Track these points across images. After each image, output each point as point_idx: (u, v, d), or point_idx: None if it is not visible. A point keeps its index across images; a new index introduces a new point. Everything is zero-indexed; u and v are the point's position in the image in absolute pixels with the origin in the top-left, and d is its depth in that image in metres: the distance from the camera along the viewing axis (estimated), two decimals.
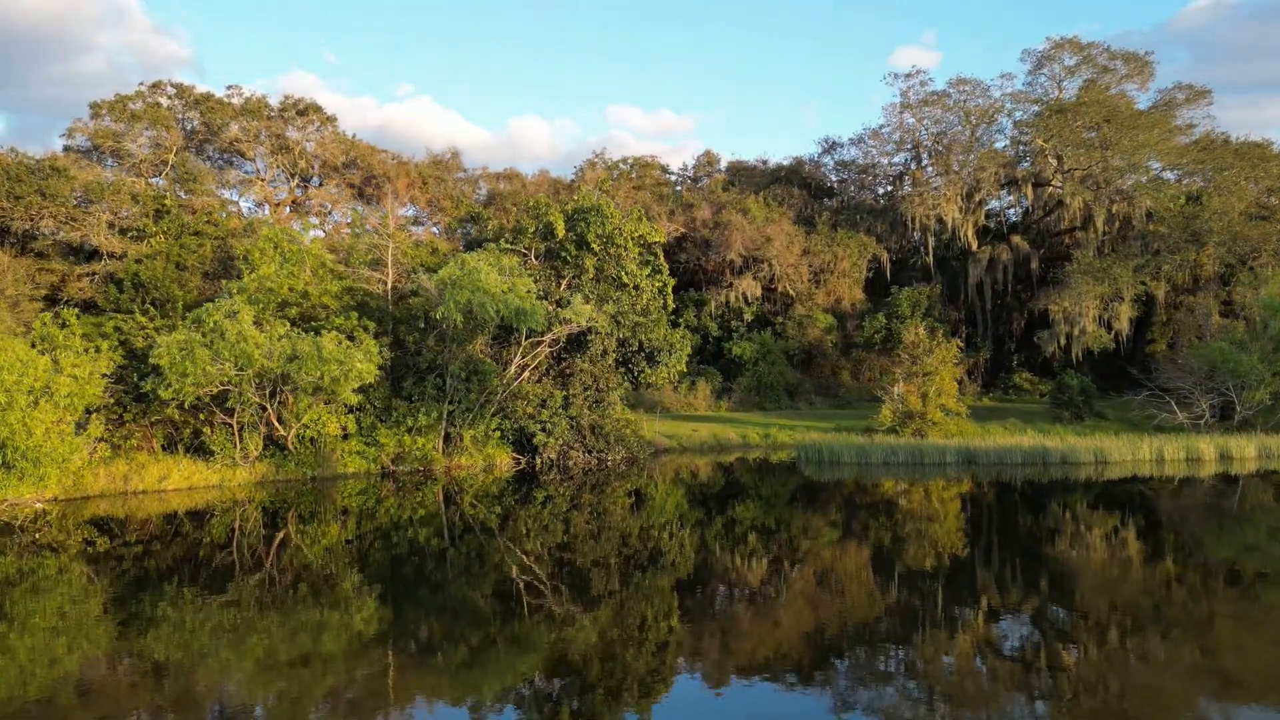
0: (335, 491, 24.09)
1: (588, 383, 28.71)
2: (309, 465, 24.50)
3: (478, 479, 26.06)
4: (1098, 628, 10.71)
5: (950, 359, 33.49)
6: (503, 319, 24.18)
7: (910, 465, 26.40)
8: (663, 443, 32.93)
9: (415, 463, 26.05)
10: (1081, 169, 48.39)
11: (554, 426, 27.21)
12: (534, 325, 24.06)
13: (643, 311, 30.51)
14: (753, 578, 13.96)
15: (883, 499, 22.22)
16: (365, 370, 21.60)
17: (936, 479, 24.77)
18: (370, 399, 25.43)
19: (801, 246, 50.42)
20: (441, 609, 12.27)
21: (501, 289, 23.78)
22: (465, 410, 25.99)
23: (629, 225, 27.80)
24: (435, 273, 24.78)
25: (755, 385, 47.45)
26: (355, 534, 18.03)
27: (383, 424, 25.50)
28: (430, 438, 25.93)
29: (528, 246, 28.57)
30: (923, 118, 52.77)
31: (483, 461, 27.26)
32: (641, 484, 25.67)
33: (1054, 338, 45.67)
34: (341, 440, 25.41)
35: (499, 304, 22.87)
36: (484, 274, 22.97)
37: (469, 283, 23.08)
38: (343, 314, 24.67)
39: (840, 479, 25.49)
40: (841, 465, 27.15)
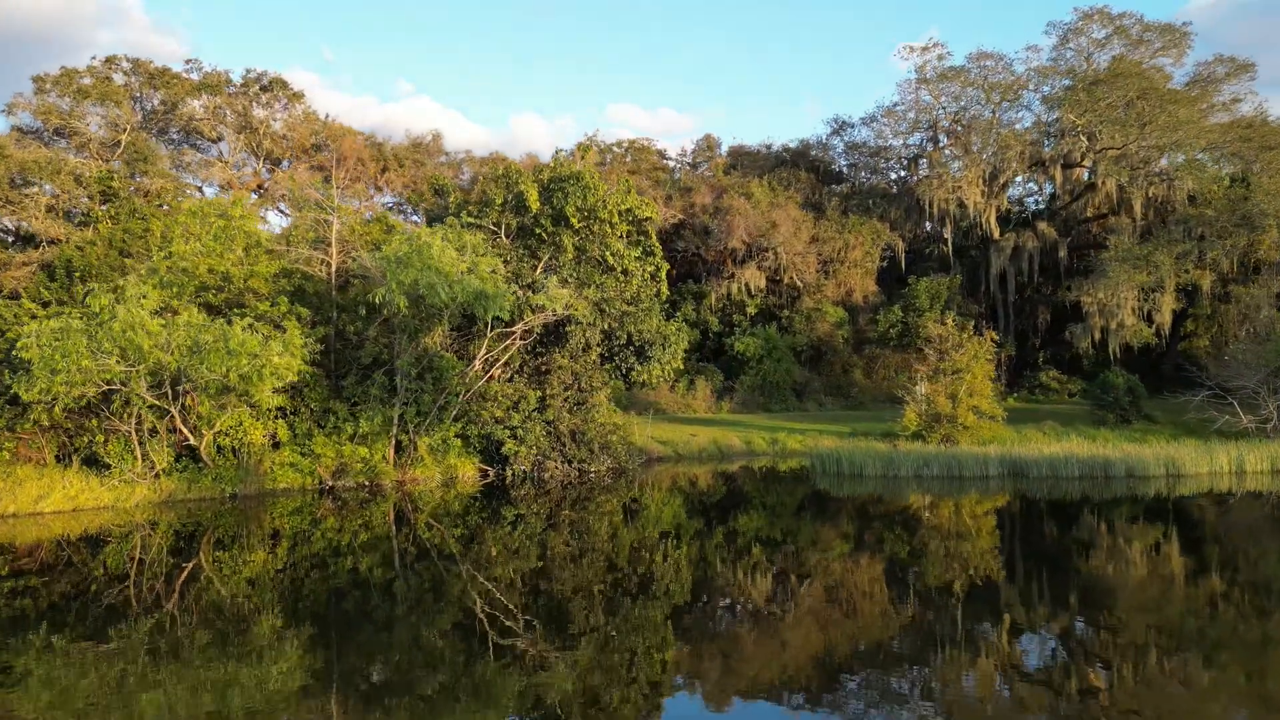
0: (263, 511, 20.18)
1: (567, 381, 24.66)
2: (228, 480, 20.46)
3: (436, 495, 22.09)
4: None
5: (983, 354, 29.43)
6: (462, 306, 20.16)
7: (945, 479, 22.34)
8: (656, 450, 28.88)
9: (360, 476, 22.02)
10: (1116, 148, 44.29)
11: (526, 433, 23.17)
12: (499, 313, 20.02)
13: (632, 299, 26.48)
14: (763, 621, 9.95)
15: (932, 526, 18.14)
16: (285, 366, 17.54)
17: (978, 495, 20.72)
18: (305, 401, 21.41)
19: (809, 233, 46.34)
20: (388, 653, 10.17)
21: (460, 269, 19.74)
22: (420, 414, 21.96)
23: (615, 198, 23.75)
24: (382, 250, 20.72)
25: (759, 385, 43.40)
26: (285, 563, 15.08)
27: (320, 430, 21.46)
28: (378, 447, 21.91)
29: (496, 222, 24.50)
30: (940, 94, 48.66)
31: (442, 474, 23.24)
32: (630, 499, 21.67)
33: (1087, 332, 41.60)
34: (271, 450, 21.40)
35: (455, 286, 18.82)
36: (436, 251, 18.93)
37: (418, 261, 19.05)
38: (269, 299, 20.65)
39: (863, 494, 21.44)
40: (863, 479, 23.08)
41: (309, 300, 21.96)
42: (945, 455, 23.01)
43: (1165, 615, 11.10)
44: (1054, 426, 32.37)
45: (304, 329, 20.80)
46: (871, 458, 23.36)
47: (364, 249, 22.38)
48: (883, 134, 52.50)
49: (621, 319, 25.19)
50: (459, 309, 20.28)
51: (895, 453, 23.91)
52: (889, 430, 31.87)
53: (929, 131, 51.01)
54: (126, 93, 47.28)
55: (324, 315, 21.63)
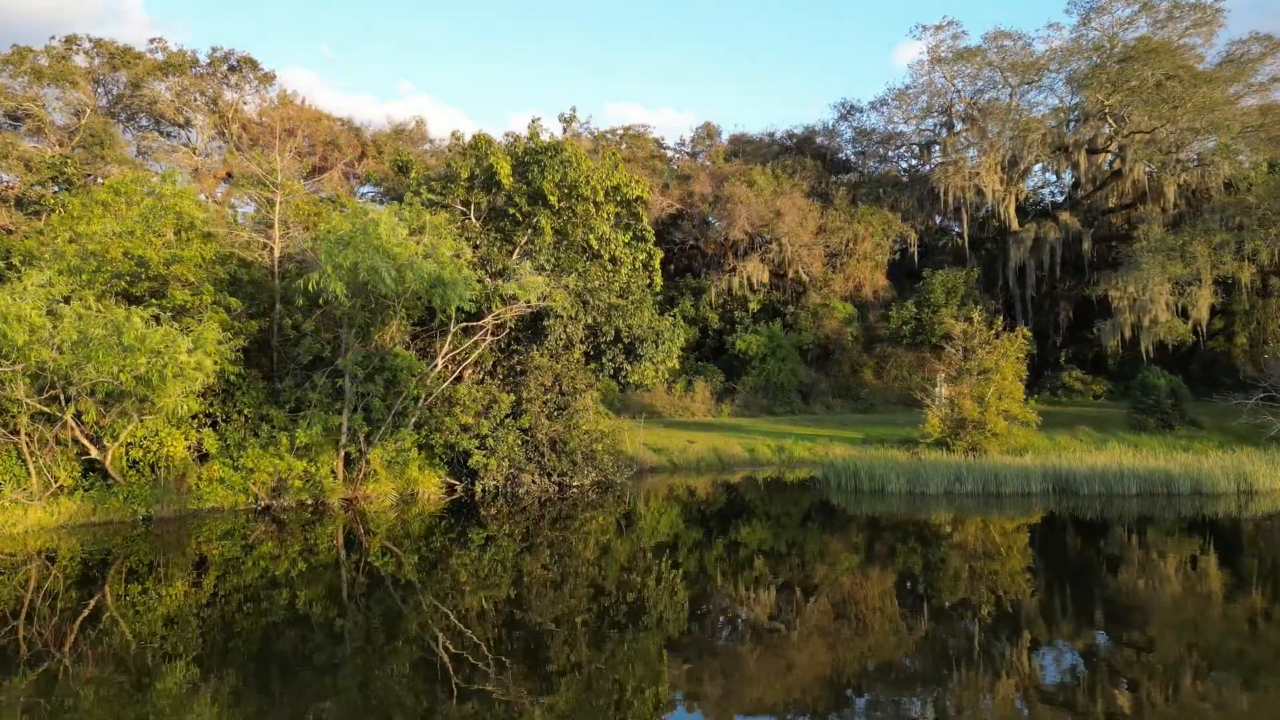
0: (187, 536, 17.25)
1: (546, 383, 21.64)
2: (143, 500, 17.45)
3: (393, 514, 19.12)
4: None
5: (1014, 352, 26.38)
6: (417, 295, 17.13)
7: (981, 496, 19.30)
8: (649, 459, 25.85)
9: (302, 493, 19.01)
10: (1145, 132, 41.23)
11: (498, 443, 20.15)
12: (460, 303, 16.97)
13: (621, 291, 23.46)
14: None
15: (985, 561, 15.09)
16: (194, 365, 14.47)
17: (1021, 517, 17.70)
18: (238, 406, 18.40)
19: (816, 223, 43.28)
20: (329, 704, 8.71)
21: (413, 251, 16.71)
22: (371, 422, 18.95)
23: (600, 173, 20.71)
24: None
25: (763, 386, 40.35)
26: (210, 597, 12.85)
27: (256, 440, 18.45)
28: (323, 459, 18.89)
29: (465, 202, 21.46)
30: (955, 76, 45.57)
31: (400, 490, 20.24)
32: (618, 516, 18.67)
33: (1116, 329, 38.54)
34: (197, 464, 18.39)
35: (405, 271, 15.76)
36: (384, 230, 15.90)
37: (362, 241, 16.02)
38: (194, 288, 17.62)
39: (887, 514, 18.42)
40: (885, 495, 20.03)
41: (244, 290, 18.92)
42: (979, 468, 19.98)
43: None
44: (1088, 432, 29.35)
45: (235, 322, 17.78)
46: (894, 471, 20.32)
47: (313, 227, 19.33)
48: (893, 119, 49.45)
49: (609, 312, 22.16)
50: (414, 299, 17.25)
51: (921, 465, 20.86)
52: (907, 437, 28.84)
53: (943, 116, 47.94)
54: (89, 75, 44.32)
55: (261, 306, 18.58)
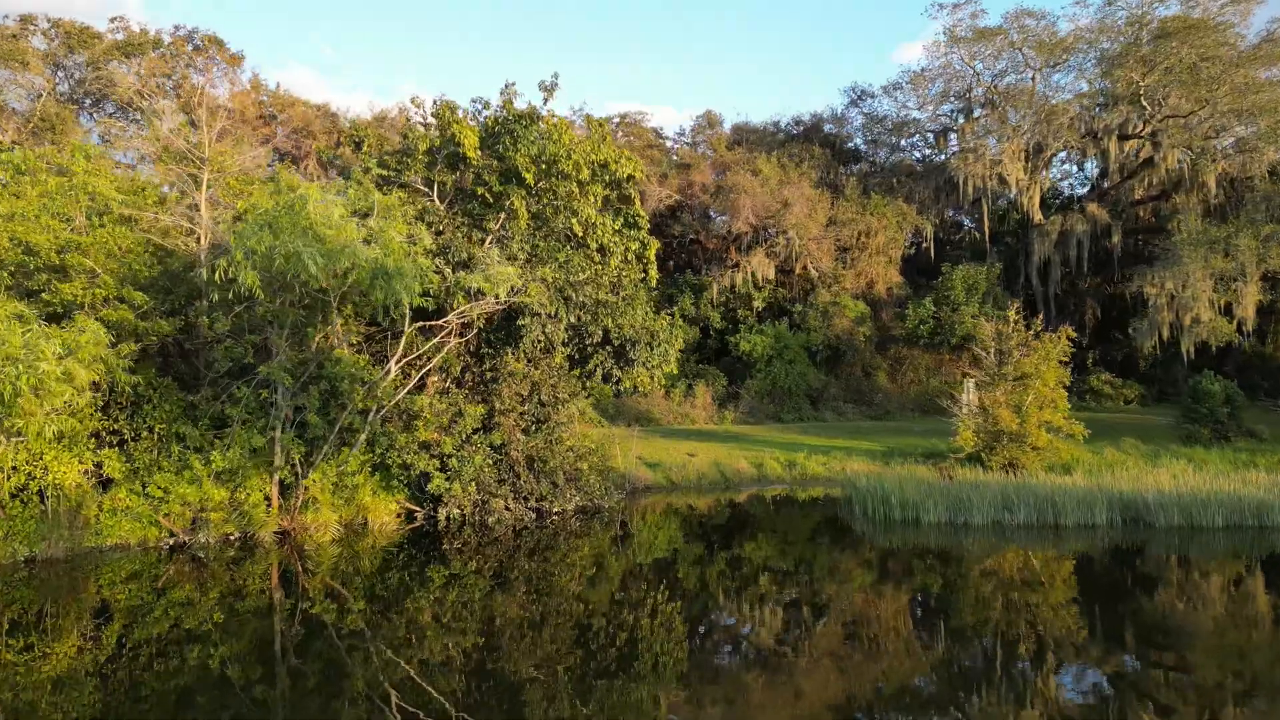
0: (85, 579, 14.42)
1: (523, 392, 18.60)
2: (24, 538, 14.43)
3: (338, 549, 16.12)
4: None
5: (1056, 355, 23.32)
6: (356, 287, 14.09)
7: (1037, 529, 16.22)
8: (643, 477, 22.79)
9: (228, 526, 15.98)
10: (1181, 116, 38.17)
11: (463, 463, 17.11)
12: (408, 296, 13.93)
13: (612, 285, 20.43)
14: None
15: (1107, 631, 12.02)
16: (58, 376, 11.39)
17: (1104, 558, 14.65)
18: (147, 422, 15.36)
19: (826, 215, 40.20)
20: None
21: (351, 236, 13.66)
22: (309, 440, 15.91)
23: (584, 147, 17.65)
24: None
25: (769, 390, 37.29)
26: (110, 654, 10.75)
27: (170, 463, 15.43)
28: (252, 485, 15.86)
29: (428, 181, 18.38)
30: (975, 57, 42.50)
31: (348, 519, 17.19)
32: (602, 550, 15.65)
33: (1153, 328, 35.46)
34: (99, 492, 15.38)
35: (340, 257, 12.71)
36: (313, 209, 12.87)
37: (288, 222, 12.99)
38: (89, 281, 14.58)
39: (930, 550, 15.38)
40: (921, 525, 16.95)
41: (160, 283, 15.87)
42: (1030, 492, 16.90)
43: None
44: (1135, 444, 26.26)
45: (140, 322, 14.73)
46: (930, 495, 17.24)
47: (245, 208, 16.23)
48: (907, 105, 46.40)
49: (595, 310, 19.11)
50: (358, 293, 14.22)
51: (961, 488, 17.77)
52: (933, 450, 25.80)
53: (960, 101, 44.88)
54: (48, 57, 41.36)
55: (177, 302, 15.52)
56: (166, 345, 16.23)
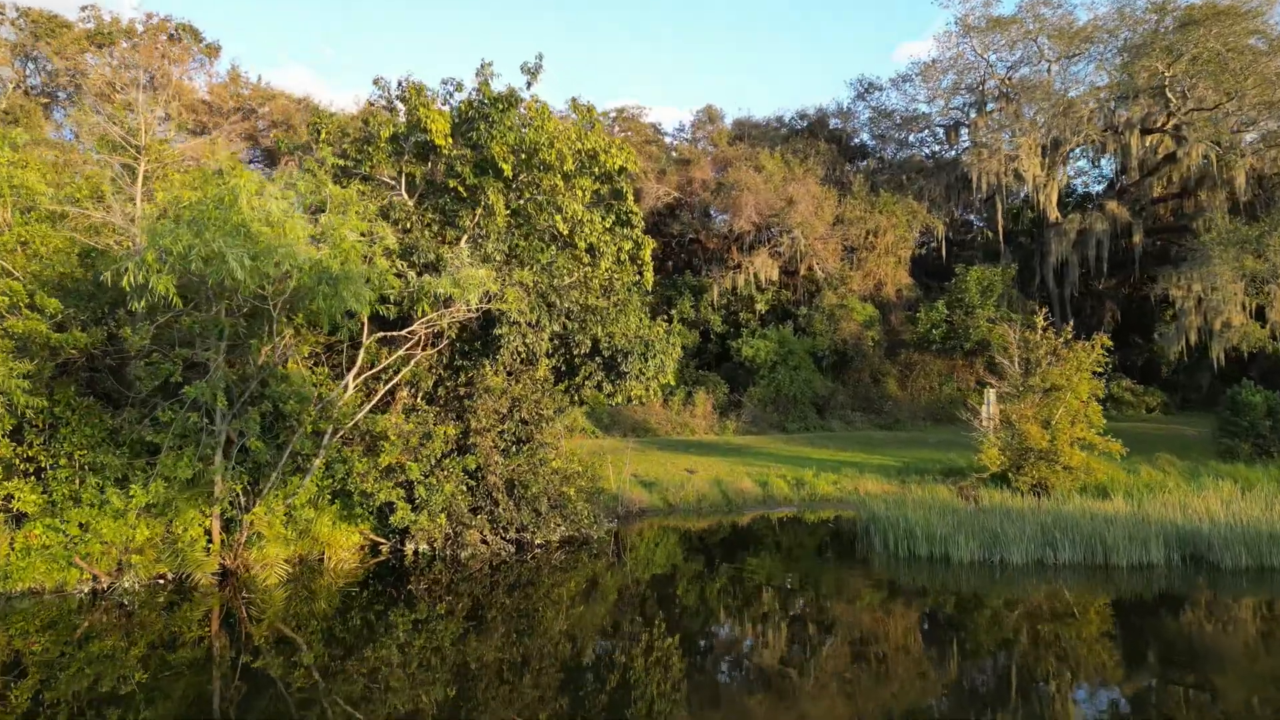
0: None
1: (501, 410, 16.64)
2: None
3: (290, 589, 14.20)
4: None
5: (1090, 365, 21.34)
6: (298, 292, 12.11)
7: (1086, 569, 14.22)
8: (637, 499, 20.81)
9: (160, 566, 14.03)
10: (1207, 109, 36.19)
11: (432, 491, 15.13)
12: (360, 305, 11.93)
13: (602, 289, 18.48)
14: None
15: None
16: None
17: (1182, 608, 12.67)
18: (64, 448, 13.39)
19: (833, 213, 38.22)
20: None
21: (296, 234, 11.69)
22: (255, 468, 13.95)
23: (568, 137, 15.65)
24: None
25: (772, 398, 35.33)
26: (25, 714, 9.32)
27: (89, 494, 13.47)
28: (188, 518, 13.90)
29: (395, 174, 16.38)
30: (988, 47, 40.53)
31: (302, 554, 15.23)
32: (588, 591, 13.67)
33: (1181, 333, 33.52)
34: (11, 527, 13.43)
35: (269, 259, 10.71)
36: (246, 203, 10.90)
37: (217, 217, 11.02)
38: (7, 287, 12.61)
39: (971, 599, 13.41)
40: (951, 563, 14.95)
41: (82, 289, 13.89)
42: (1073, 525, 14.91)
43: None
44: (1171, 461, 24.29)
45: (53, 334, 12.76)
46: (960, 528, 15.24)
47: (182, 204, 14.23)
48: (916, 98, 44.47)
49: (583, 317, 17.14)
50: (301, 298, 12.24)
51: (992, 517, 15.77)
52: (953, 466, 23.83)
53: (972, 94, 42.90)
54: (19, 49, 39.42)
55: (97, 311, 13.53)
56: (95, 359, 14.25)
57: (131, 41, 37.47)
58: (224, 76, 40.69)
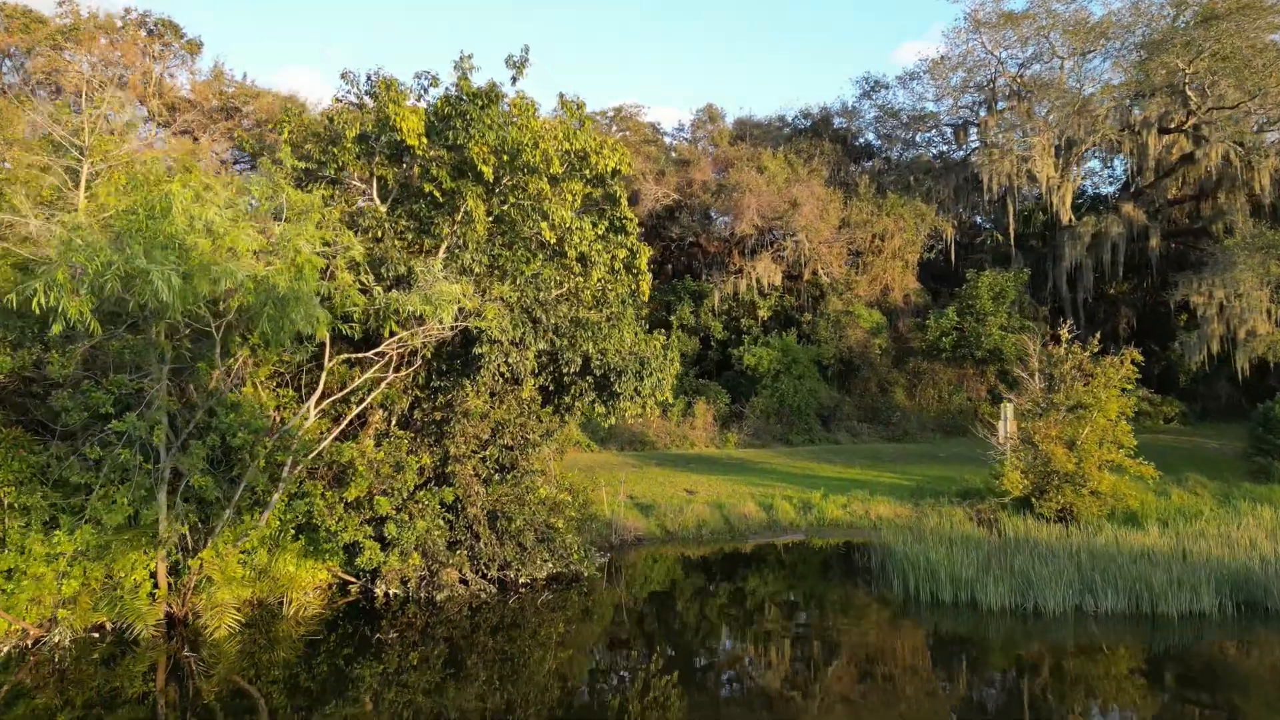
0: None
1: (482, 435, 15.20)
2: None
3: (247, 635, 12.80)
4: None
5: (1119, 382, 19.90)
6: (241, 313, 10.67)
7: (1130, 619, 12.76)
8: (633, 526, 19.36)
9: (98, 615, 12.61)
10: (1229, 108, 34.72)
11: (403, 527, 13.70)
12: (311, 326, 10.47)
13: (595, 300, 17.06)
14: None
15: None
16: None
17: (1226, 672, 11.26)
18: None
19: (839, 216, 36.77)
20: None
21: (242, 246, 10.25)
22: (203, 506, 12.51)
23: (554, 136, 14.20)
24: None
25: (776, 409, 33.87)
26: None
27: (23, 536, 12.04)
28: (130, 563, 12.46)
29: (366, 176, 14.93)
30: (1000, 44, 39.06)
31: (252, 597, 13.79)
32: (579, 638, 12.26)
33: (1203, 341, 32.06)
34: None
35: (208, 276, 9.24)
36: (180, 212, 9.46)
37: (148, 229, 9.58)
38: None
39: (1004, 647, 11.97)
40: (979, 609, 13.49)
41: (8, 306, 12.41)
42: (1115, 565, 13.46)
43: None
44: (1201, 482, 22.86)
45: None
46: (989, 567, 13.78)
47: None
48: (924, 97, 42.94)
49: (573, 333, 15.69)
50: (244, 320, 10.78)
51: (1023, 553, 14.32)
52: (970, 488, 22.35)
53: (982, 92, 41.41)
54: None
55: (26, 332, 12.06)
56: (28, 384, 12.80)
57: (109, 37, 35.99)
58: (208, 74, 39.25)
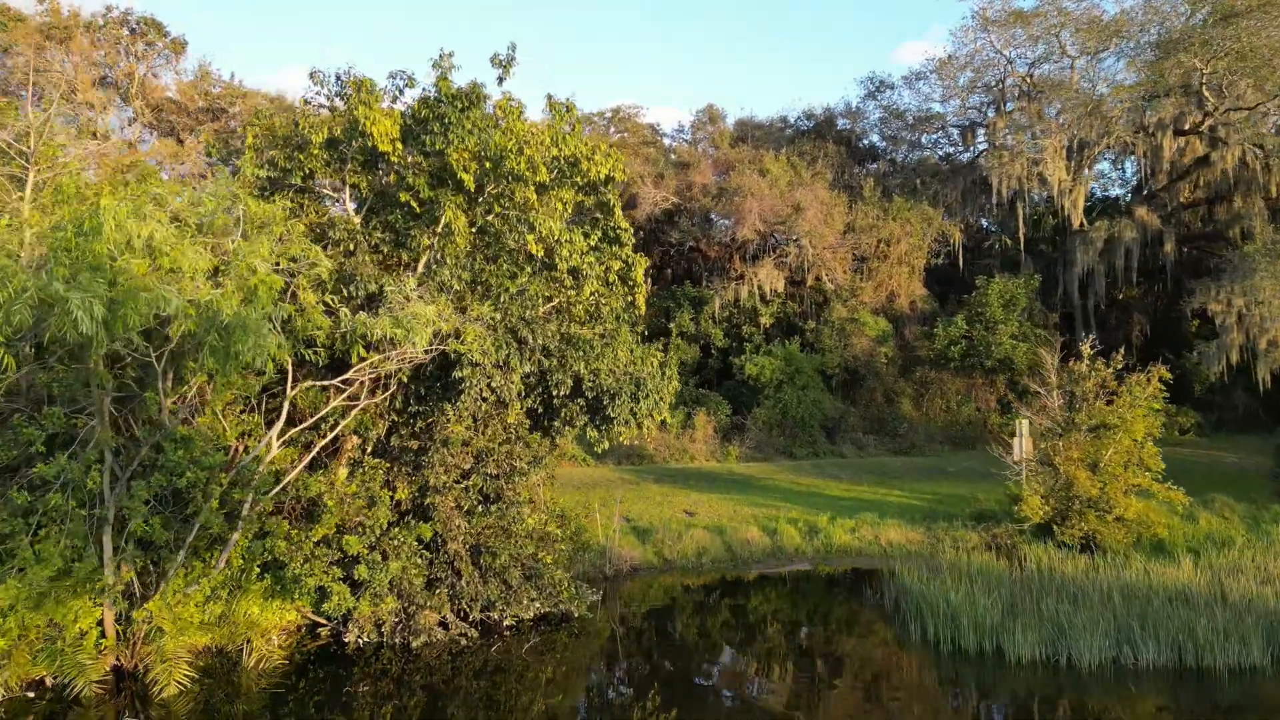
0: None
1: (463, 465, 14.04)
2: None
3: (200, 691, 11.61)
4: None
5: (1147, 402, 18.74)
6: (187, 341, 9.52)
7: (1174, 674, 11.57)
8: (629, 555, 18.18)
9: (39, 668, 11.45)
10: (1247, 108, 33.57)
11: (376, 570, 12.54)
12: (259, 357, 9.32)
13: (588, 314, 15.92)
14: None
15: None
16: None
17: None
18: None
19: (844, 220, 35.61)
20: None
21: (189, 266, 9.11)
22: (151, 550, 11.36)
23: (541, 141, 13.02)
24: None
25: (779, 420, 32.70)
26: None
27: None
28: (74, 611, 11.29)
29: (339, 184, 13.79)
30: (1008, 43, 37.90)
31: (219, 644, 12.62)
32: (565, 694, 11.12)
33: (1222, 351, 30.90)
34: None
35: (139, 303, 8.10)
36: (110, 227, 8.31)
37: (77, 248, 8.44)
38: None
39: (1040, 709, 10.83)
40: (1005, 661, 12.31)
41: None
42: (1152, 610, 12.30)
43: None
44: (1228, 503, 21.69)
45: None
46: (1016, 612, 12.62)
47: None
48: (931, 97, 41.80)
49: (562, 353, 14.54)
50: (187, 350, 9.64)
51: (1050, 594, 13.15)
52: (983, 511, 21.21)
53: (990, 93, 40.27)
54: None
55: None
56: None
57: (90, 36, 34.84)
58: (194, 74, 38.11)
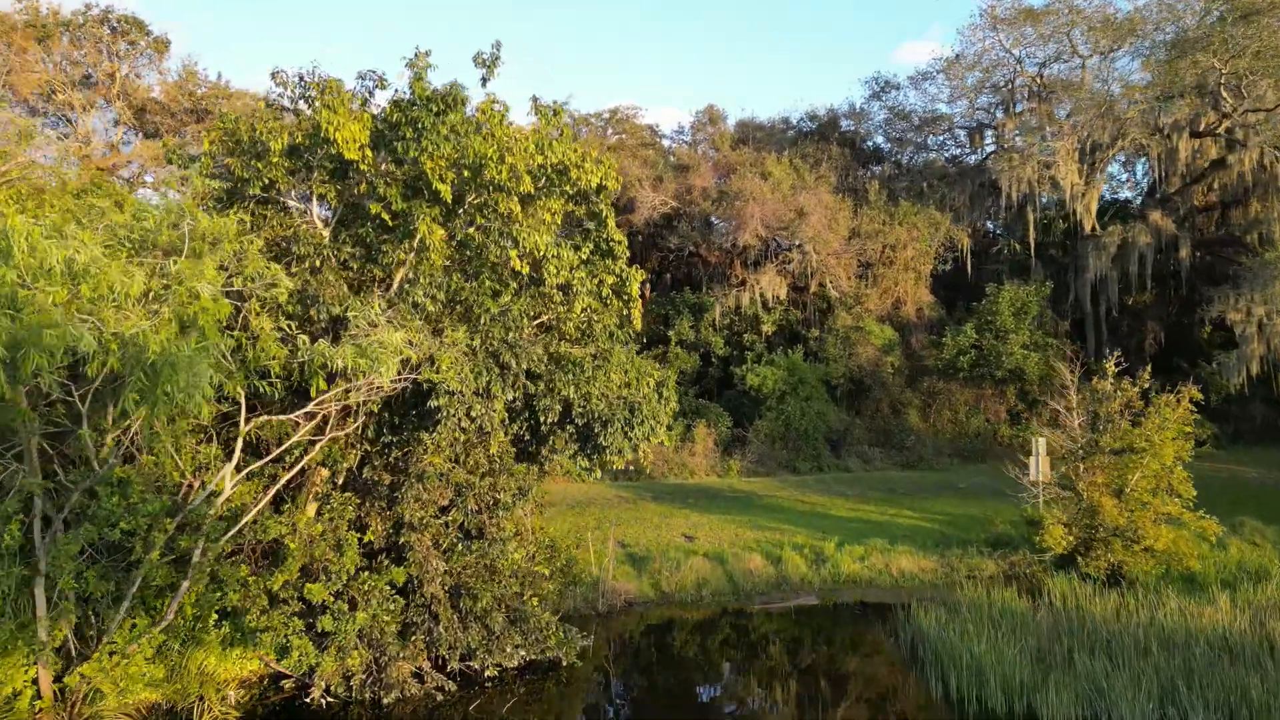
0: None
1: (441, 501, 12.90)
2: None
3: None
4: None
5: (1176, 423, 17.62)
6: (107, 377, 8.41)
7: None
8: (623, 588, 17.02)
9: None
10: (1266, 109, 32.43)
11: (342, 620, 11.38)
12: (193, 399, 8.19)
13: (579, 332, 14.80)
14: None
15: None
16: None
17: None
18: None
19: (848, 225, 34.45)
20: None
21: (124, 289, 7.99)
22: (89, 603, 10.23)
23: (525, 147, 11.87)
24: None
25: (782, 432, 31.56)
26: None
27: None
28: (6, 666, 10.15)
29: (308, 195, 12.65)
30: (1018, 42, 36.76)
31: (170, 699, 11.46)
32: None
33: (1242, 361, 29.81)
34: None
35: (45, 341, 6.99)
36: (18, 250, 7.20)
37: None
38: None
39: None
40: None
41: None
42: (1197, 663, 11.14)
43: None
44: (1257, 527, 20.56)
45: None
46: (1048, 666, 11.47)
47: None
48: (937, 98, 40.70)
49: (551, 375, 13.39)
50: (113, 390, 8.50)
51: (1083, 648, 12.00)
52: (999, 536, 20.07)
53: (999, 94, 39.12)
54: None
55: None
56: None
57: (70, 35, 33.71)
58: (178, 74, 36.97)
